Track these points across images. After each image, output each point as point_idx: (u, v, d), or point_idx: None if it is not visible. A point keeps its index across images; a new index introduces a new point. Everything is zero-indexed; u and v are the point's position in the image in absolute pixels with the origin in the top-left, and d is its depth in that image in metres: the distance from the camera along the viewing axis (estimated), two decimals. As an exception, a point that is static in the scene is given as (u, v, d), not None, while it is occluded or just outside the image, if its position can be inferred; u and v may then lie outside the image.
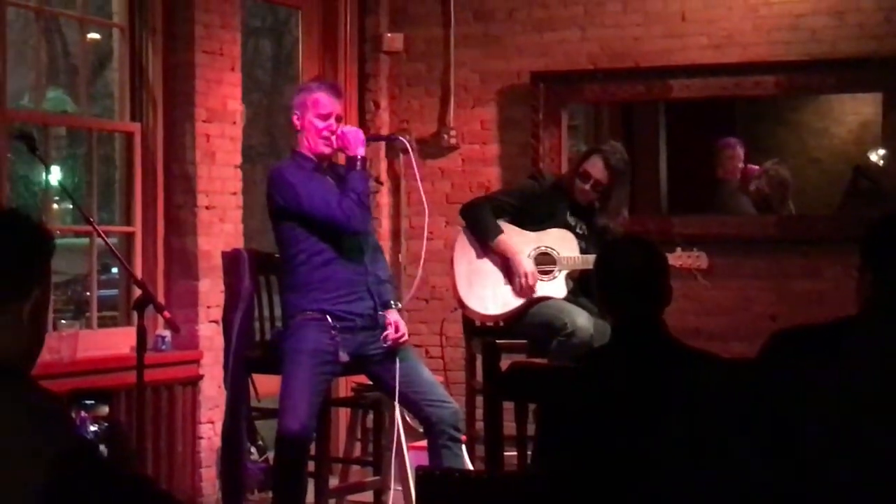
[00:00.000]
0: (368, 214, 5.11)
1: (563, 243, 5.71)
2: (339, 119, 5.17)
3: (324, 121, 5.09)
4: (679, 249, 5.71)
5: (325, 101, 5.10)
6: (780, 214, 7.06)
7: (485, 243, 5.73)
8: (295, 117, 5.17)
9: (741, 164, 7.38)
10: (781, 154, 7.44)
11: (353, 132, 5.13)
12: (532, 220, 5.76)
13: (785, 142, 7.60)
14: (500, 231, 5.70)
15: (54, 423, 2.12)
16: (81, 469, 2.10)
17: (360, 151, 5.07)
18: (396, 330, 5.07)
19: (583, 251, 5.69)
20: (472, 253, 5.75)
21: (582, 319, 5.42)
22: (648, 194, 7.83)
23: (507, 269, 5.69)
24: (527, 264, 5.64)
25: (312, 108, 5.09)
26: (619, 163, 5.75)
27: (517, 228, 5.75)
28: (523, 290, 5.63)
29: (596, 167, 5.74)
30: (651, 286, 3.29)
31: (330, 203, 4.95)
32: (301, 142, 5.16)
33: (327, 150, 5.12)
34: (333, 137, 5.09)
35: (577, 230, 5.79)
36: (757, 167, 7.29)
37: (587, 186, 5.75)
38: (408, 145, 5.29)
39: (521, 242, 5.70)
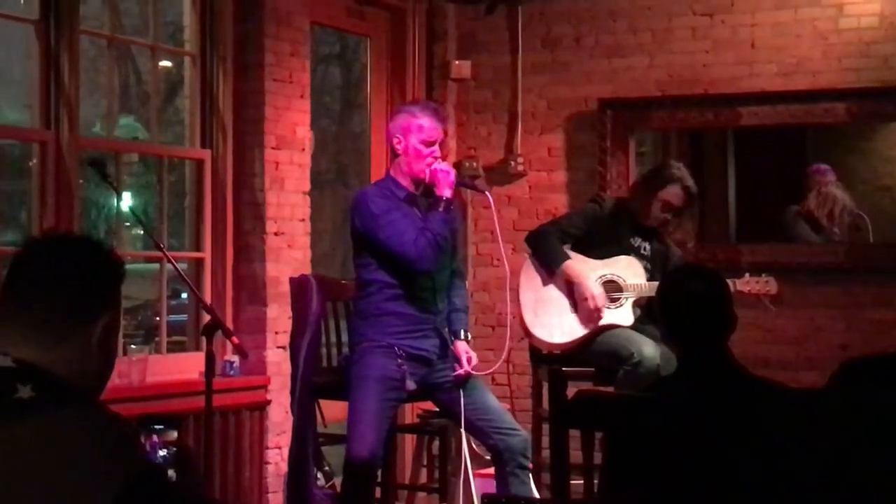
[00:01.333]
0: (437, 256, 4.98)
1: (629, 270, 5.69)
2: (441, 144, 5.13)
3: (428, 147, 5.00)
4: (747, 275, 5.67)
5: (430, 127, 5.00)
6: (833, 235, 6.98)
7: (551, 270, 5.71)
8: (396, 141, 5.02)
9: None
10: (852, 182, 7.36)
11: (445, 173, 5.00)
12: (596, 244, 5.74)
13: (855, 169, 7.52)
14: (567, 257, 5.69)
15: (124, 447, 2.13)
16: (151, 493, 2.11)
17: (447, 193, 4.96)
18: (469, 362, 5.03)
19: (647, 271, 5.68)
20: (538, 280, 5.74)
21: (649, 349, 5.39)
22: (717, 223, 7.78)
23: (574, 295, 5.67)
24: (594, 288, 5.62)
25: (417, 133, 4.98)
26: (693, 185, 5.78)
27: (582, 256, 5.74)
28: (590, 313, 5.60)
29: (677, 196, 5.75)
30: (715, 314, 3.27)
31: (405, 238, 4.88)
32: (397, 166, 5.06)
33: (427, 178, 5.02)
34: (428, 170, 5.00)
35: (642, 251, 5.80)
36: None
37: (668, 215, 5.75)
38: (491, 200, 5.22)
39: (587, 269, 5.69)
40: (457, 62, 7.59)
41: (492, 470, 5.09)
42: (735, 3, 7.04)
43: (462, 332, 5.12)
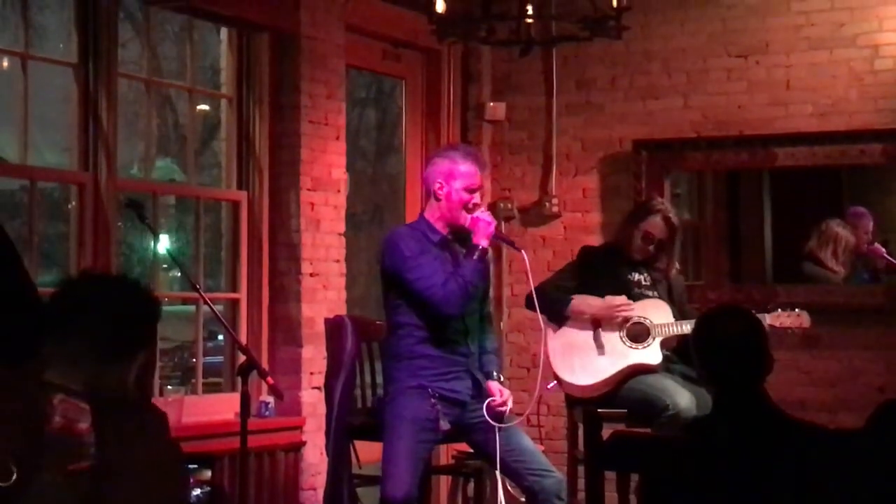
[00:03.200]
0: (464, 303, 4.95)
1: (655, 311, 5.69)
2: (481, 191, 5.14)
3: (470, 193, 5.00)
4: (779, 310, 5.65)
5: (474, 173, 5.00)
6: (837, 274, 6.94)
7: (560, 316, 5.72)
8: (437, 186, 4.99)
9: (868, 238, 7.20)
10: (891, 224, 7.32)
11: (486, 224, 4.97)
12: (595, 287, 5.75)
13: (892, 212, 7.48)
14: (570, 299, 5.70)
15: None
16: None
17: (484, 243, 4.95)
18: (501, 396, 5.02)
19: (662, 300, 5.70)
20: (560, 331, 5.75)
21: (685, 401, 5.37)
22: (753, 263, 7.75)
23: (598, 333, 5.68)
24: (607, 301, 5.63)
25: (461, 179, 4.97)
26: (675, 217, 5.84)
27: (598, 298, 5.75)
28: (621, 308, 5.64)
29: (657, 226, 5.78)
30: (751, 355, 3.26)
31: (433, 281, 4.87)
32: (434, 210, 5.04)
33: (467, 224, 5.01)
34: (469, 217, 4.99)
35: (643, 282, 5.81)
36: (882, 250, 7.12)
37: (650, 247, 5.78)
38: (525, 259, 5.22)
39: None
40: (491, 104, 7.62)
41: (526, 511, 5.07)
42: (770, 45, 7.04)
43: (495, 374, 5.11)
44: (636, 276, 5.82)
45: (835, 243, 7.03)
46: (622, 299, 5.68)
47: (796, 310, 5.66)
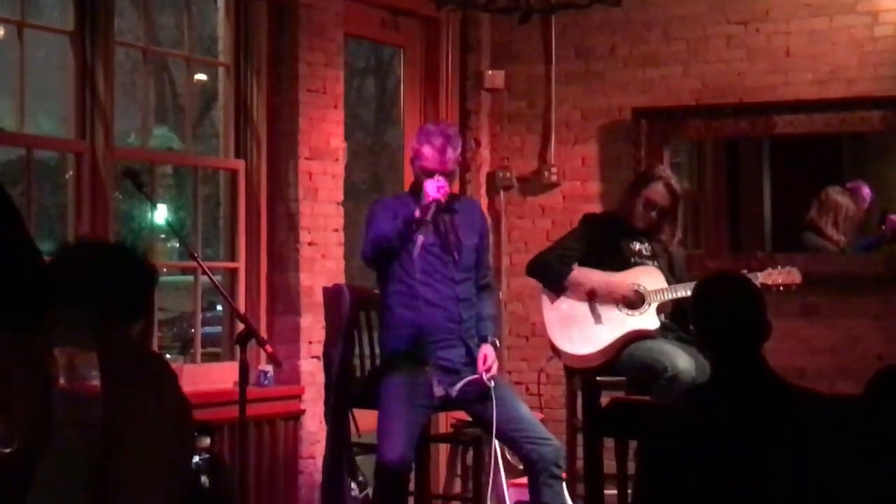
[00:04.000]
0: (371, 253, 5.09)
1: (648, 278, 5.71)
2: (447, 175, 5.14)
3: (427, 176, 5.07)
4: (769, 269, 5.66)
5: (434, 159, 5.09)
6: (839, 243, 6.93)
7: (559, 287, 5.73)
8: (410, 158, 5.22)
9: (865, 205, 7.18)
10: (890, 193, 7.31)
11: (425, 195, 5.04)
12: (599, 259, 5.76)
13: (892, 180, 7.47)
14: (570, 270, 5.70)
15: None
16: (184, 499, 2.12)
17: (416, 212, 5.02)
18: (484, 362, 5.04)
19: (658, 269, 5.70)
20: (557, 302, 5.75)
21: (683, 362, 5.38)
22: (752, 232, 7.75)
23: (594, 304, 5.69)
24: (611, 281, 5.66)
25: (422, 160, 5.12)
26: (677, 184, 5.86)
27: (597, 271, 5.75)
28: (619, 289, 5.67)
29: (659, 193, 5.80)
30: (749, 322, 3.25)
31: (368, 238, 5.06)
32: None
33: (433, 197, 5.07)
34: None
35: (644, 252, 5.82)
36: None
37: (652, 213, 5.76)
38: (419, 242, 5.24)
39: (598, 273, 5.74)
40: (490, 72, 7.59)
41: (525, 479, 5.09)
42: (770, 12, 7.01)
43: (489, 337, 5.13)
44: (637, 246, 5.83)
45: (835, 212, 7.02)
46: (623, 277, 5.67)
47: (787, 267, 5.68)
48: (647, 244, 5.84)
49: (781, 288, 5.64)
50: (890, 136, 7.03)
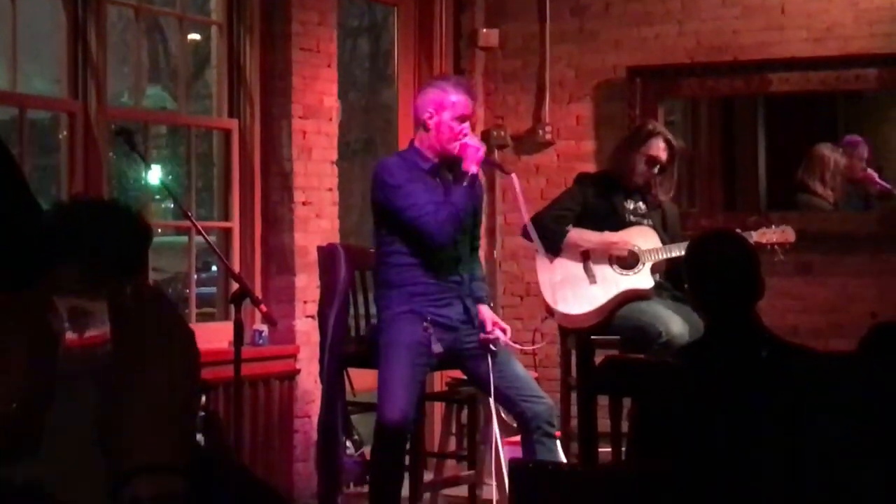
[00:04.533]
0: (455, 230, 4.97)
1: (642, 238, 5.71)
2: (471, 120, 5.14)
3: (461, 123, 5.01)
4: (763, 228, 5.67)
5: (464, 103, 5.01)
6: (828, 199, 6.92)
7: (556, 248, 5.73)
8: (427, 115, 5.00)
9: (863, 165, 7.17)
10: (885, 151, 7.30)
11: (474, 149, 4.99)
12: (594, 218, 5.76)
13: (888, 139, 7.46)
14: (566, 231, 5.71)
15: None
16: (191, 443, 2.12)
17: (474, 168, 4.97)
18: (489, 324, 5.04)
19: (652, 228, 5.72)
20: (552, 263, 5.75)
21: (677, 327, 5.40)
22: (747, 191, 7.75)
23: (588, 264, 5.70)
24: (604, 235, 5.68)
25: (451, 110, 4.98)
26: (674, 139, 5.87)
27: (593, 231, 5.76)
28: (616, 246, 5.69)
29: (660, 148, 5.80)
30: (742, 279, 3.26)
31: (426, 210, 4.88)
32: (424, 139, 5.04)
33: (456, 152, 5.02)
34: (458, 144, 5.00)
35: (638, 212, 5.83)
36: (875, 177, 7.09)
37: (654, 170, 5.78)
38: (515, 182, 5.20)
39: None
40: (484, 30, 7.56)
41: (519, 438, 5.10)
42: (765, -31, 6.99)
43: (485, 299, 5.15)
44: (631, 205, 5.83)
45: (822, 166, 6.99)
46: (619, 237, 5.68)
47: (781, 226, 5.70)
48: (640, 203, 5.84)
49: (776, 247, 5.65)
50: (885, 95, 7.03)
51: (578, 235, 5.75)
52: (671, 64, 7.15)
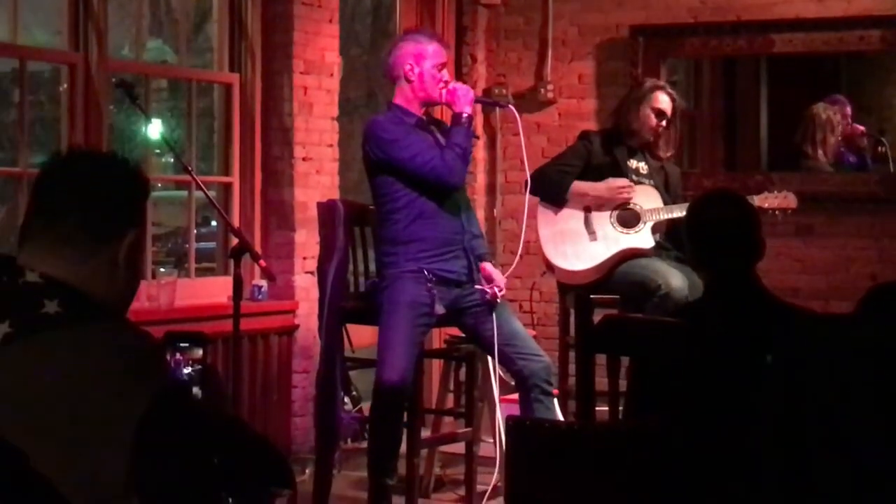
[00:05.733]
0: (465, 170, 5.07)
1: (644, 197, 5.71)
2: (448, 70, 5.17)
3: (440, 70, 5.05)
4: (765, 192, 5.67)
5: (441, 51, 5.07)
6: (824, 161, 6.92)
7: (561, 199, 5.73)
8: (408, 68, 5.02)
9: (846, 122, 7.17)
10: (888, 113, 7.29)
11: (464, 90, 5.05)
12: (596, 177, 5.75)
13: (890, 100, 7.45)
14: (570, 182, 5.72)
15: (150, 363, 2.14)
16: (176, 409, 2.12)
17: (467, 110, 5.00)
18: (494, 281, 5.06)
19: (654, 188, 5.72)
20: (553, 215, 5.76)
21: (676, 280, 5.39)
22: (749, 151, 7.74)
23: (590, 220, 5.69)
24: (607, 181, 5.67)
25: (431, 58, 5.02)
26: (676, 93, 5.88)
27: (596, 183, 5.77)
28: (622, 189, 5.68)
29: (665, 102, 5.80)
30: (743, 239, 3.26)
31: (432, 155, 4.91)
32: (404, 94, 5.06)
33: (442, 100, 5.08)
34: (444, 90, 5.05)
35: (641, 171, 5.83)
36: (861, 127, 7.10)
37: (662, 123, 5.78)
38: (516, 113, 5.21)
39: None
40: (487, -13, 7.53)
41: (516, 395, 5.11)
42: (770, -72, 6.94)
43: (486, 257, 5.16)
44: (634, 164, 5.83)
45: (813, 125, 6.98)
46: (624, 181, 5.69)
47: (783, 192, 5.69)
48: (643, 162, 5.84)
49: (777, 212, 5.64)
50: (888, 56, 7.01)
51: (583, 184, 5.74)
52: (674, 23, 7.12)
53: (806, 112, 7.01)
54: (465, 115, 4.99)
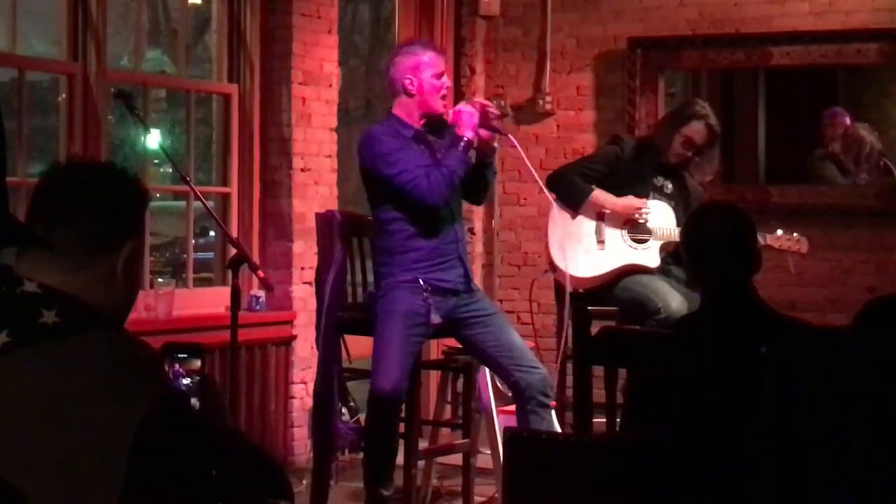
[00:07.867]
0: (449, 193, 4.97)
1: (659, 214, 5.69)
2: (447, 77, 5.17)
3: (440, 79, 5.04)
4: (780, 231, 5.64)
5: (438, 60, 5.07)
6: (859, 178, 6.93)
7: (578, 205, 5.72)
8: (408, 82, 5.00)
9: (842, 131, 7.18)
10: (884, 125, 7.30)
11: (469, 114, 4.98)
12: (620, 185, 5.73)
13: (888, 113, 7.46)
14: (592, 189, 5.70)
15: (148, 374, 2.14)
16: (174, 419, 2.11)
17: (468, 134, 4.95)
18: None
19: (672, 209, 5.69)
20: (567, 217, 5.74)
21: (676, 303, 5.40)
22: (747, 163, 7.74)
23: (601, 227, 5.69)
24: (628, 199, 5.64)
25: (429, 69, 5.01)
26: (717, 123, 5.76)
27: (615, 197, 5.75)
28: (639, 212, 5.65)
29: (699, 133, 5.71)
30: (740, 251, 3.26)
31: (416, 174, 4.87)
32: (403, 107, 5.04)
33: (444, 110, 5.06)
34: (451, 111, 5.02)
35: (665, 190, 5.79)
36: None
37: (689, 152, 5.72)
38: (516, 143, 5.19)
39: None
40: (486, -1, 7.53)
41: (514, 407, 5.11)
42: (768, -59, 6.96)
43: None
44: (660, 181, 5.78)
45: (859, 147, 6.99)
46: (643, 203, 5.66)
47: (795, 234, 5.66)
48: (669, 182, 5.80)
49: (788, 255, 5.61)
50: (886, 69, 7.01)
51: (603, 196, 5.71)
52: (672, 35, 7.14)
53: (848, 130, 7.01)
54: (465, 138, 4.94)
